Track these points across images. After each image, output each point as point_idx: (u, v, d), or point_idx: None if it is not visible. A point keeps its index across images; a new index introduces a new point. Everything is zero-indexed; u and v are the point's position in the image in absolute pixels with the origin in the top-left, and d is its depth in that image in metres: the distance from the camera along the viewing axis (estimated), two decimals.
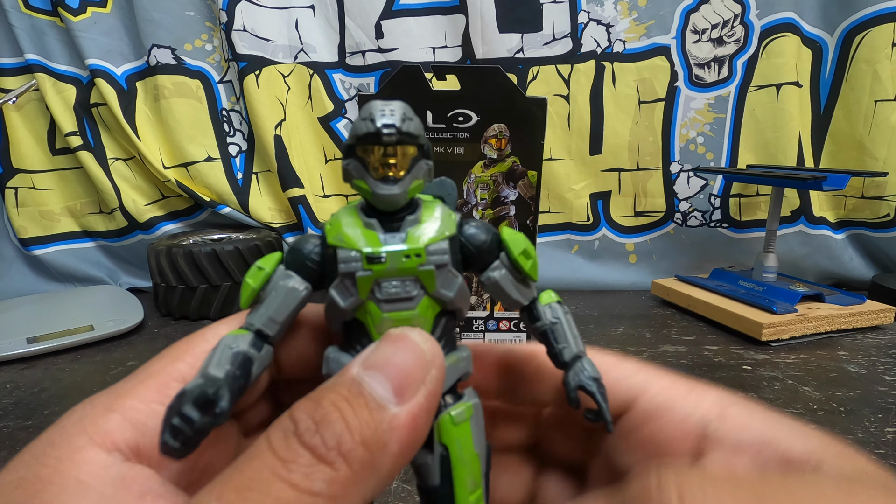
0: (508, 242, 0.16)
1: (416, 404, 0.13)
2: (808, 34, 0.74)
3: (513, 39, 0.75)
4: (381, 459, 0.12)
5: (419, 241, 0.15)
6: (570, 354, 0.16)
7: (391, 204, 0.15)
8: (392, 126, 0.14)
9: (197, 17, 0.78)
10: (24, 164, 0.80)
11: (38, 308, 0.70)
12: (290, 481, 0.11)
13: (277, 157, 0.78)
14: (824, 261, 0.77)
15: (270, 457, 0.12)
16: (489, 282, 0.16)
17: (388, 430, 0.12)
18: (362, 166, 0.15)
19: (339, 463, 0.12)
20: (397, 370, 0.13)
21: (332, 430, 0.12)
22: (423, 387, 0.13)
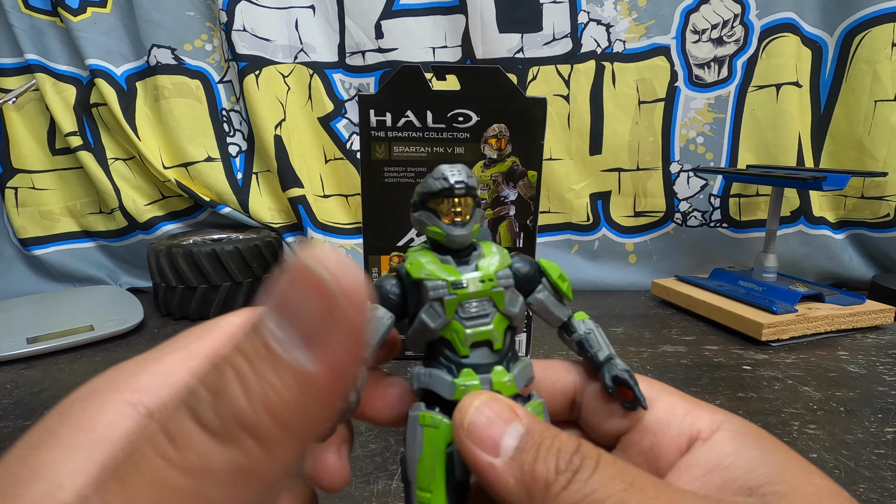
0: (547, 269, 0.20)
1: (335, 361, 0.10)
2: (808, 34, 0.74)
3: (513, 39, 0.75)
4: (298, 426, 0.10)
5: (490, 269, 0.18)
6: (604, 355, 0.20)
7: (462, 243, 0.18)
8: (462, 182, 0.18)
9: (197, 17, 0.78)
10: (24, 164, 0.80)
11: (38, 308, 0.70)
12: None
13: (277, 157, 0.78)
14: (824, 261, 0.77)
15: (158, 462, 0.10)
16: (536, 302, 0.20)
17: (300, 390, 0.10)
18: (434, 217, 0.18)
19: (248, 440, 0.10)
20: (299, 313, 0.10)
21: (225, 404, 0.10)
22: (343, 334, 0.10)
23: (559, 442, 0.15)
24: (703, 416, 0.18)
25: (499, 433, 0.15)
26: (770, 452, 0.16)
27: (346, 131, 0.81)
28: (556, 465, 0.14)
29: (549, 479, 0.14)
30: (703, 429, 0.17)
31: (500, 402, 0.16)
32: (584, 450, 0.15)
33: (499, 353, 0.18)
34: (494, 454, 0.15)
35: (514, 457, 0.15)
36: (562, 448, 0.15)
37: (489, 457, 0.15)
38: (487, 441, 0.15)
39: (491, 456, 0.15)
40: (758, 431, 0.17)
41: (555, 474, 0.14)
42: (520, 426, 0.15)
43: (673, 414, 0.18)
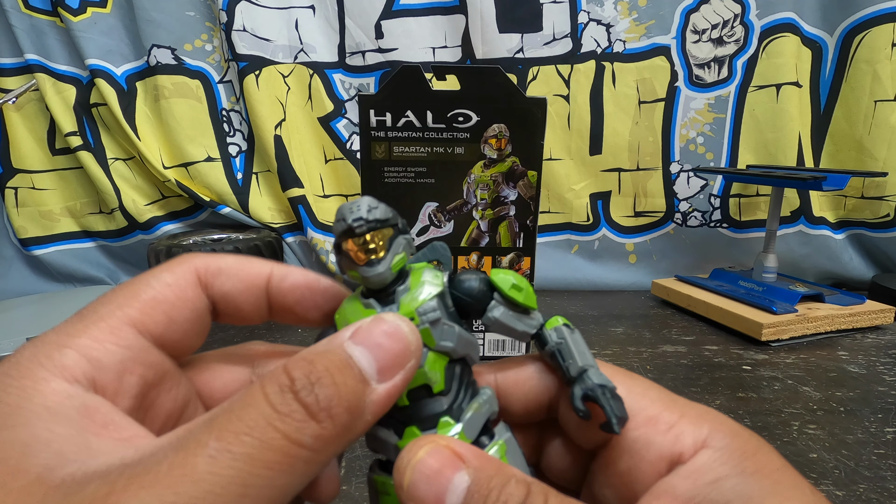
0: (497, 281, 0.18)
1: (392, 385, 0.15)
2: (808, 34, 0.74)
3: (513, 39, 0.75)
4: (356, 425, 0.14)
5: (411, 306, 0.17)
6: (575, 369, 0.17)
7: (379, 282, 0.17)
8: (360, 219, 0.16)
9: (197, 17, 0.78)
10: (24, 164, 0.80)
11: (38, 308, 0.70)
12: (284, 432, 0.12)
13: (277, 157, 0.78)
14: (824, 261, 0.77)
15: (267, 407, 0.13)
16: (490, 322, 0.18)
17: (367, 402, 0.14)
18: (349, 259, 0.17)
19: (326, 422, 0.13)
20: (385, 354, 0.15)
21: (325, 392, 0.13)
22: (402, 372, 0.15)
23: (506, 492, 0.14)
24: (686, 432, 0.16)
25: (442, 490, 0.14)
26: (751, 477, 0.15)
27: (346, 131, 0.81)
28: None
29: None
30: (686, 448, 0.16)
31: (442, 451, 0.15)
32: (532, 500, 0.14)
33: (444, 396, 0.17)
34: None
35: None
36: (508, 500, 0.14)
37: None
38: (430, 500, 0.14)
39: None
40: (746, 446, 0.15)
41: None
42: (465, 476, 0.14)
43: (654, 431, 0.16)
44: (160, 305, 0.16)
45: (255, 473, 0.12)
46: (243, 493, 0.12)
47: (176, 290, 0.17)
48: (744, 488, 0.14)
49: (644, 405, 0.17)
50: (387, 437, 0.17)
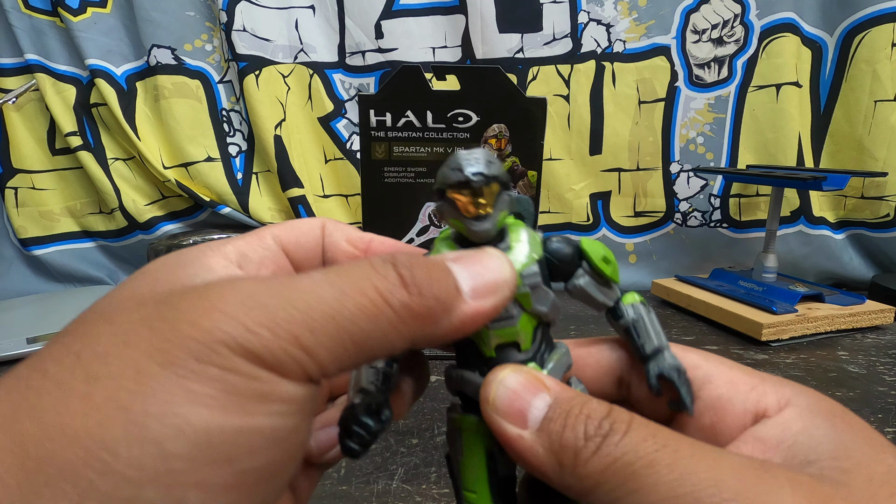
0: (588, 251, 0.18)
1: (482, 306, 0.15)
2: (808, 34, 0.74)
3: (513, 39, 0.75)
4: (441, 319, 0.15)
5: None
6: (651, 348, 0.18)
7: (485, 237, 0.17)
8: (480, 173, 0.16)
9: (197, 17, 0.78)
10: (24, 164, 0.80)
11: (38, 308, 0.70)
12: (376, 285, 0.14)
13: (277, 157, 0.78)
14: (824, 261, 0.77)
15: (368, 266, 0.14)
16: (575, 289, 0.18)
17: (454, 305, 0.15)
18: (455, 209, 0.17)
19: (415, 296, 0.14)
20: (482, 279, 0.15)
21: (420, 275, 0.14)
22: (493, 298, 0.15)
23: (588, 408, 0.14)
24: (769, 392, 0.16)
25: (525, 405, 0.15)
26: (841, 429, 0.15)
27: (346, 131, 0.81)
28: (585, 431, 0.14)
29: (578, 446, 0.14)
30: (770, 405, 0.16)
31: (526, 374, 0.16)
32: (615, 414, 0.14)
33: (528, 353, 0.17)
34: (522, 426, 0.15)
35: (542, 427, 0.15)
36: (591, 414, 0.14)
37: (517, 429, 0.15)
38: (514, 413, 0.15)
39: (518, 428, 0.15)
40: (832, 408, 0.16)
41: (584, 441, 0.14)
42: (547, 396, 0.15)
43: (735, 390, 0.17)
44: (294, 231, 0.20)
45: (345, 306, 0.13)
46: (333, 318, 0.13)
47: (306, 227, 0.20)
48: (833, 435, 0.15)
49: (723, 370, 0.17)
50: (472, 377, 0.17)
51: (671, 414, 0.18)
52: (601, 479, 0.13)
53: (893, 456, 0.14)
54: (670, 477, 0.13)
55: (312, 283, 0.13)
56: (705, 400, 0.17)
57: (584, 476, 0.14)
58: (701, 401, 0.17)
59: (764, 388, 0.16)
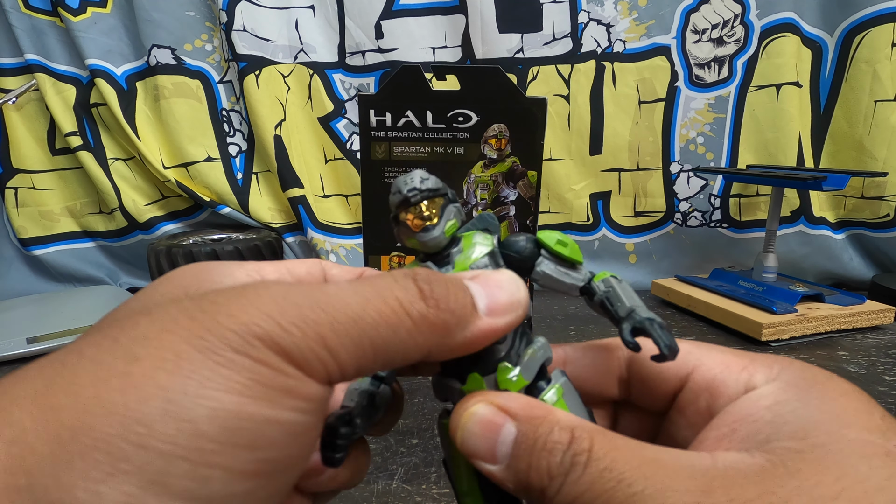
0: (543, 238, 0.19)
1: (495, 323, 0.16)
2: (808, 34, 0.74)
3: (513, 39, 0.75)
4: (455, 331, 0.15)
5: (465, 264, 0.18)
6: (624, 310, 0.18)
7: (436, 246, 0.18)
8: (414, 189, 0.18)
9: (197, 17, 0.78)
10: (24, 164, 0.80)
11: (38, 308, 0.70)
12: (397, 294, 0.14)
13: (277, 157, 0.78)
14: (824, 261, 0.77)
15: (390, 277, 0.15)
16: (539, 276, 0.19)
17: (468, 321, 0.15)
18: (406, 228, 0.18)
19: (433, 308, 0.15)
20: (497, 299, 0.16)
21: (439, 289, 0.15)
22: (507, 316, 0.16)
23: (551, 441, 0.15)
24: (759, 372, 0.17)
25: (491, 443, 0.16)
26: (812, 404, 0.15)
27: (346, 131, 0.81)
28: (548, 469, 0.14)
29: (543, 485, 0.14)
30: (759, 383, 0.17)
31: (488, 409, 0.16)
32: (576, 445, 0.14)
33: (501, 345, 0.18)
34: (493, 462, 0.16)
35: (510, 464, 0.15)
36: (553, 448, 0.15)
37: (489, 465, 0.16)
38: (483, 452, 0.16)
39: (490, 464, 0.16)
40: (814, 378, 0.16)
41: (548, 480, 0.14)
42: (512, 428, 0.16)
43: (728, 371, 0.17)
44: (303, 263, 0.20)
45: (367, 311, 0.14)
46: (356, 322, 0.14)
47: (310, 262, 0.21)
48: (803, 412, 0.15)
49: (715, 354, 0.18)
50: (452, 384, 0.18)
51: (670, 404, 0.19)
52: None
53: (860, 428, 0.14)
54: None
55: (339, 290, 0.14)
56: (699, 382, 0.18)
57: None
58: (695, 382, 0.18)
59: (754, 368, 0.17)
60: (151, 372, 0.12)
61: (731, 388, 0.17)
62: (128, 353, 0.12)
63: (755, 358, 0.18)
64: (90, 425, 0.11)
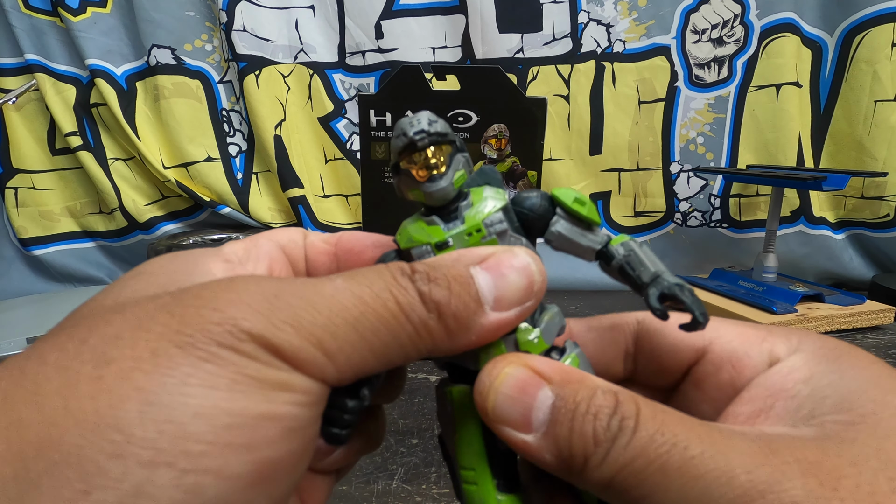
0: (559, 195, 0.17)
1: (503, 317, 0.15)
2: (808, 34, 0.74)
3: (513, 39, 0.75)
4: (459, 336, 0.14)
5: (476, 218, 0.16)
6: (648, 275, 0.17)
7: (443, 198, 0.16)
8: (423, 132, 0.16)
9: (197, 17, 0.78)
10: (24, 164, 0.80)
11: (38, 308, 0.70)
12: (397, 297, 0.13)
13: (277, 157, 0.78)
14: (824, 261, 0.77)
15: (389, 276, 0.14)
16: (554, 236, 0.17)
17: (475, 321, 0.14)
18: (409, 178, 0.16)
19: (433, 314, 0.14)
20: (507, 286, 0.15)
21: (438, 292, 0.14)
22: (517, 308, 0.15)
23: (595, 405, 0.13)
24: (779, 343, 0.16)
25: (527, 408, 0.14)
26: (848, 374, 0.14)
27: (346, 131, 0.81)
28: (594, 435, 0.13)
29: (588, 453, 0.13)
30: (782, 353, 0.16)
31: (523, 371, 0.15)
32: (623, 409, 0.13)
33: None
34: (527, 431, 0.14)
35: (548, 432, 0.14)
36: (598, 413, 0.13)
37: (522, 434, 0.14)
38: (517, 420, 0.14)
39: (523, 433, 0.14)
40: (839, 349, 0.15)
41: (593, 447, 0.13)
42: (549, 392, 0.14)
43: (748, 343, 0.16)
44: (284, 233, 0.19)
45: (366, 316, 0.13)
46: (354, 327, 0.13)
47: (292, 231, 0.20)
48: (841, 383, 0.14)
49: (730, 327, 0.17)
50: None
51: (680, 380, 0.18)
52: (613, 482, 0.13)
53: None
54: (682, 481, 0.12)
55: (335, 290, 0.13)
56: (719, 354, 0.17)
57: (595, 479, 0.13)
58: (715, 354, 0.17)
59: (773, 340, 0.16)
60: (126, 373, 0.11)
61: (755, 359, 0.16)
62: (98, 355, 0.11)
63: (771, 329, 0.17)
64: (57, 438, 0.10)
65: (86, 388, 0.11)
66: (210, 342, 0.11)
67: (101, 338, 0.12)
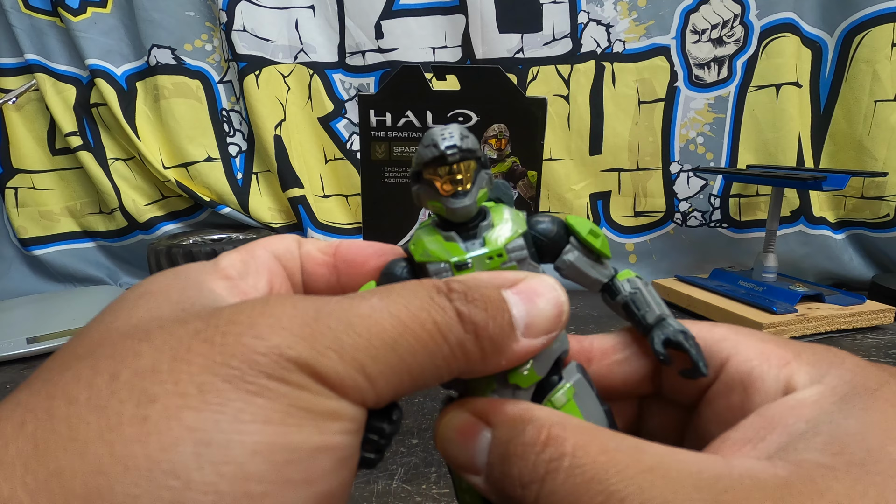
0: (574, 225, 0.17)
1: (532, 344, 0.15)
2: (808, 34, 0.74)
3: (513, 39, 0.75)
4: (492, 360, 0.14)
5: (498, 243, 0.16)
6: (653, 317, 0.17)
7: (465, 215, 0.16)
8: (454, 147, 0.15)
9: (197, 17, 0.78)
10: (24, 164, 0.80)
11: (38, 308, 0.70)
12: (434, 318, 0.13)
13: (277, 157, 0.78)
14: (824, 261, 0.77)
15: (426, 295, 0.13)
16: (565, 265, 0.18)
17: (506, 347, 0.14)
18: (431, 188, 0.16)
19: (471, 334, 0.13)
20: (538, 314, 0.15)
21: (477, 314, 0.13)
22: (544, 336, 0.15)
23: (522, 443, 0.13)
24: (802, 370, 0.15)
25: (470, 453, 0.14)
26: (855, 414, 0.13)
27: (346, 131, 0.81)
28: (520, 477, 0.13)
29: (518, 497, 0.13)
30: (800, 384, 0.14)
31: (464, 416, 0.15)
32: (552, 449, 0.13)
33: None
34: (476, 473, 0.14)
35: (487, 474, 0.14)
36: (524, 452, 0.13)
37: (474, 477, 0.14)
38: (465, 463, 0.15)
39: (474, 476, 0.14)
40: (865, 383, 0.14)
41: (520, 489, 0.13)
42: (487, 434, 0.14)
43: (768, 365, 0.15)
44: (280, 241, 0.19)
45: (404, 337, 0.13)
46: (393, 349, 0.12)
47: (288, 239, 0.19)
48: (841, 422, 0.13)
49: (752, 342, 0.16)
50: None
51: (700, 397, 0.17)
52: None
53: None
54: None
55: (372, 310, 0.13)
56: (733, 375, 0.16)
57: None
58: (729, 375, 0.16)
59: (797, 366, 0.15)
60: (174, 412, 0.10)
61: (769, 385, 0.15)
62: (137, 393, 0.10)
63: (800, 351, 0.15)
64: (108, 488, 0.09)
65: (131, 431, 0.10)
66: (259, 374, 0.11)
67: (136, 372, 0.11)
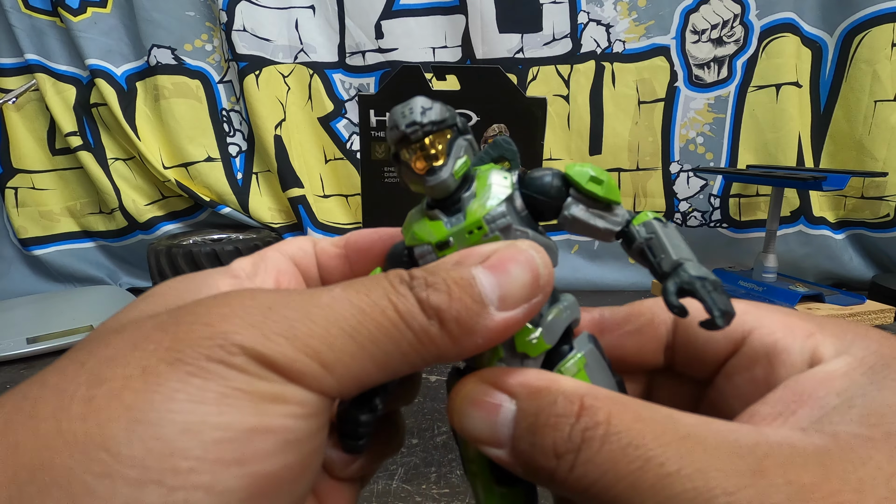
0: (572, 175, 0.16)
1: (511, 315, 0.14)
2: (808, 34, 0.74)
3: (513, 39, 0.75)
4: (464, 341, 0.13)
5: (477, 214, 0.15)
6: (669, 263, 0.15)
7: (444, 191, 0.15)
8: (414, 123, 0.15)
9: (197, 17, 0.78)
10: (24, 164, 0.80)
11: (38, 308, 0.70)
12: (396, 304, 0.13)
13: (277, 157, 0.78)
14: (824, 261, 0.77)
15: (387, 284, 0.13)
16: (567, 221, 0.16)
17: (479, 324, 0.13)
18: (409, 170, 0.15)
19: (434, 321, 0.13)
20: (511, 283, 0.14)
21: (437, 297, 0.13)
22: (524, 304, 0.14)
23: (554, 413, 0.13)
24: (827, 341, 0.14)
25: (492, 425, 0.14)
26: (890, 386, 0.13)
27: (346, 131, 0.81)
28: (554, 447, 0.12)
29: (551, 468, 0.13)
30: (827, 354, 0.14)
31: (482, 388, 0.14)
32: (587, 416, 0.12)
33: None
34: (498, 446, 0.14)
35: (513, 447, 0.14)
36: (557, 422, 0.13)
37: (495, 450, 0.14)
38: (487, 437, 0.14)
39: (496, 449, 0.14)
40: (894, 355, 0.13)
41: (555, 460, 0.12)
42: (511, 406, 0.14)
43: (792, 337, 0.15)
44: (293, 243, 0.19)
45: (364, 325, 0.13)
46: (351, 337, 0.12)
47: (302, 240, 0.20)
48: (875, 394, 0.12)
49: (775, 316, 0.16)
50: None
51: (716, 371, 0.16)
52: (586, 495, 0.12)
53: None
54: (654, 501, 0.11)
55: (332, 300, 0.13)
56: (756, 348, 0.15)
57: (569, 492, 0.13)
58: (752, 347, 0.15)
59: (822, 338, 0.14)
60: (116, 392, 0.11)
61: (795, 356, 0.14)
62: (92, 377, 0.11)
63: (823, 324, 0.15)
64: (49, 461, 0.10)
65: (77, 410, 0.11)
66: (199, 357, 0.11)
67: (98, 359, 0.12)
